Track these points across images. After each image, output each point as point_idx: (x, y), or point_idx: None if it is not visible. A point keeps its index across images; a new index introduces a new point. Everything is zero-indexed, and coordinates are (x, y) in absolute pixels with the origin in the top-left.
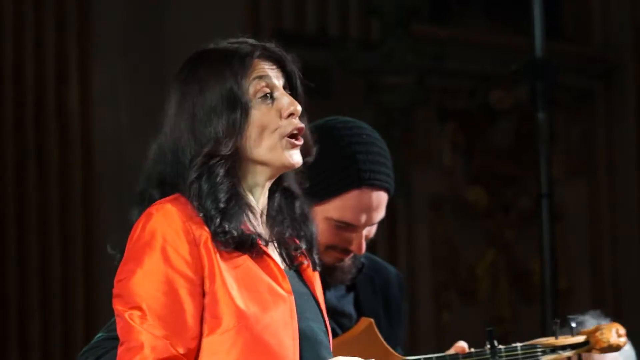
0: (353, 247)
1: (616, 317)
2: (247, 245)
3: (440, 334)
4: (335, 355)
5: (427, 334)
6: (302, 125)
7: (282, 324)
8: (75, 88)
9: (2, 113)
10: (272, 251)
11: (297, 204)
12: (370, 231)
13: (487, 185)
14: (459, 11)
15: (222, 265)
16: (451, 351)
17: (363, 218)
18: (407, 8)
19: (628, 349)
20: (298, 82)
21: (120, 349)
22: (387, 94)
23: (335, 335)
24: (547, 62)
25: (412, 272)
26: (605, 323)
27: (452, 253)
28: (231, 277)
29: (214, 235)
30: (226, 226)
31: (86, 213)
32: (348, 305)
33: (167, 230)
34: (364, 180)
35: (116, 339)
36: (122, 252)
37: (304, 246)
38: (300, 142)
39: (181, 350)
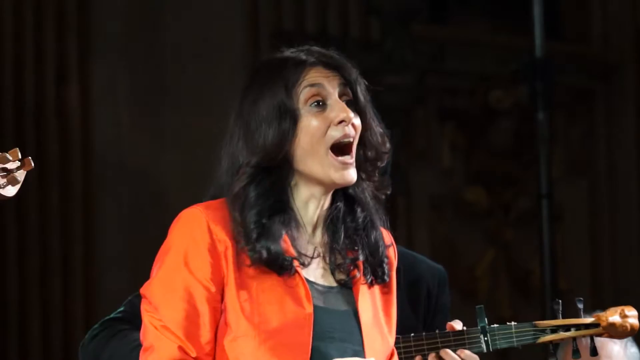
0: None
1: None
2: (276, 266)
3: None
4: None
5: None
6: (352, 132)
7: (290, 341)
8: (75, 88)
9: (2, 113)
10: (313, 267)
11: (359, 210)
12: None
13: (487, 185)
14: (459, 11)
15: (242, 274)
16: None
17: None
18: (407, 8)
19: (634, 351)
20: (360, 90)
21: (141, 349)
22: (387, 94)
23: None
24: (547, 62)
25: None
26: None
27: (452, 253)
28: (247, 287)
29: (245, 250)
30: (258, 245)
31: (86, 213)
32: None
33: (189, 236)
34: None
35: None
36: None
37: (361, 258)
38: (349, 160)
39: (193, 354)
